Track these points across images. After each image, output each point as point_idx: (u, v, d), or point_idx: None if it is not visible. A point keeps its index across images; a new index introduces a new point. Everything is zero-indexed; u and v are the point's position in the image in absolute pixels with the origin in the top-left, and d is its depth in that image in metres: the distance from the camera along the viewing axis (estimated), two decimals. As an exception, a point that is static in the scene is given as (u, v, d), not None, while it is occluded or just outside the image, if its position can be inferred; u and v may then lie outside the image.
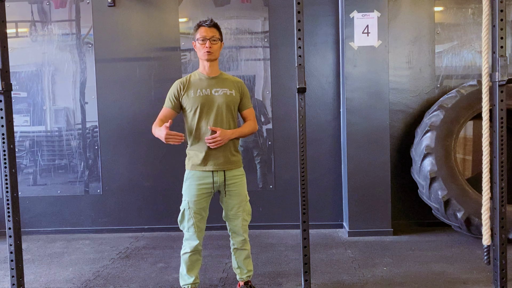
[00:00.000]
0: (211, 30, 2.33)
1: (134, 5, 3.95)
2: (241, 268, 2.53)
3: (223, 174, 2.37)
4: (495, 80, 2.30)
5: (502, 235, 2.33)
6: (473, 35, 3.87)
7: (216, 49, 2.36)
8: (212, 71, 2.41)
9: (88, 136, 4.04)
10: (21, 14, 4.00)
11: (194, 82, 2.39)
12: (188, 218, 2.37)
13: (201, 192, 2.37)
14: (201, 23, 2.34)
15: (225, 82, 2.42)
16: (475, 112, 3.43)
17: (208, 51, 2.32)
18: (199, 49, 2.35)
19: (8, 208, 2.35)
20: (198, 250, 2.42)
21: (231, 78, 2.48)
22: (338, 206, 3.98)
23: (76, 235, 4.01)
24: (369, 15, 3.62)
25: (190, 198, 2.36)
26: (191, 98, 2.36)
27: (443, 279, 2.73)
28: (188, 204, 2.36)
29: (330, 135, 3.96)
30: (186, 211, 2.38)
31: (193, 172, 2.38)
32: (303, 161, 2.37)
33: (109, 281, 2.86)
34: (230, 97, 2.39)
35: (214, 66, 2.41)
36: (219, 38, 2.37)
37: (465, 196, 3.31)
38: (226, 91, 2.39)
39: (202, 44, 2.32)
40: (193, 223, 2.37)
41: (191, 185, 2.37)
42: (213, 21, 2.36)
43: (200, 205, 2.37)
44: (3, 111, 2.31)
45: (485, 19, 2.30)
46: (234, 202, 2.42)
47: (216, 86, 2.38)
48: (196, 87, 2.37)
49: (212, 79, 2.40)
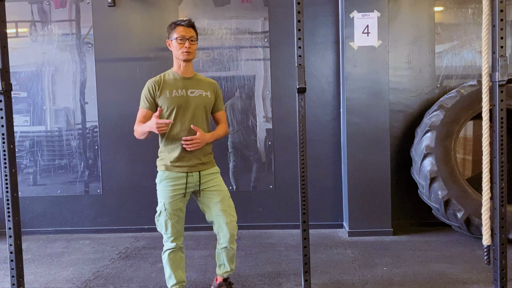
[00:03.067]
0: (190, 30, 2.31)
1: (134, 5, 3.95)
2: (224, 265, 2.50)
3: (198, 175, 2.36)
4: (495, 80, 2.30)
5: (502, 235, 2.33)
6: (473, 35, 3.87)
7: (194, 49, 2.34)
8: (187, 71, 2.39)
9: (88, 136, 4.04)
10: (21, 14, 4.00)
11: (169, 82, 2.35)
12: (165, 220, 2.34)
13: (176, 193, 2.33)
14: (179, 22, 2.31)
15: (200, 83, 2.41)
16: (475, 112, 3.43)
17: (187, 51, 2.29)
18: (176, 49, 2.31)
19: (8, 208, 2.35)
20: (178, 248, 2.39)
21: (206, 79, 2.46)
22: (338, 206, 3.98)
23: (76, 235, 4.01)
24: (369, 15, 3.62)
25: (165, 200, 2.33)
26: (167, 98, 2.32)
27: (443, 279, 2.73)
28: (164, 205, 2.33)
29: (330, 135, 3.96)
30: (162, 213, 2.35)
31: (167, 173, 2.35)
32: (303, 161, 2.37)
33: (109, 281, 2.87)
34: (206, 99, 2.38)
35: (190, 66, 2.39)
36: (196, 38, 2.35)
37: (465, 196, 3.31)
38: (201, 92, 2.37)
39: (181, 43, 2.29)
40: (171, 224, 2.33)
41: (166, 186, 2.34)
42: (192, 21, 2.34)
43: (176, 206, 2.34)
44: (3, 111, 2.31)
45: (485, 19, 2.30)
46: (216, 199, 2.38)
47: (192, 87, 2.37)
48: (172, 87, 2.34)
49: (188, 80, 2.38)
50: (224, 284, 2.55)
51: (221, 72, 3.96)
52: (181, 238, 2.41)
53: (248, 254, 3.33)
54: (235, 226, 2.42)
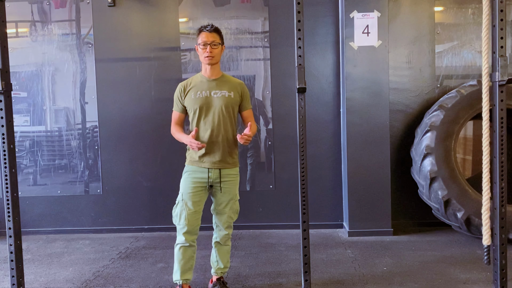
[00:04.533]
0: (212, 35, 2.41)
1: (134, 5, 3.95)
2: (218, 262, 2.61)
3: (219, 172, 2.45)
4: (495, 80, 2.30)
5: (502, 235, 2.33)
6: (473, 35, 3.87)
7: (217, 53, 2.44)
8: (213, 74, 2.49)
9: (88, 136, 4.04)
10: (21, 14, 4.00)
11: (196, 84, 2.48)
12: (180, 210, 2.44)
13: (196, 185, 2.44)
14: (202, 29, 2.43)
15: (225, 84, 2.49)
16: (475, 112, 3.43)
17: (208, 56, 2.40)
18: (201, 54, 2.45)
19: (8, 208, 2.35)
20: (190, 245, 2.45)
21: (232, 80, 2.54)
22: (338, 206, 3.98)
23: (76, 235, 4.01)
24: (369, 15, 3.62)
25: (184, 190, 2.45)
26: (192, 99, 2.45)
27: (443, 279, 2.73)
28: (182, 196, 2.45)
29: (330, 135, 3.96)
30: (179, 203, 2.46)
31: (190, 166, 2.48)
32: (303, 161, 2.37)
33: (109, 281, 2.86)
34: (229, 99, 2.45)
35: (216, 69, 2.49)
36: (219, 42, 2.44)
37: (465, 196, 3.31)
38: (225, 93, 2.45)
39: (203, 49, 2.41)
40: (185, 215, 2.42)
41: (188, 178, 2.46)
42: (214, 26, 2.44)
43: (194, 198, 2.43)
44: (3, 111, 2.31)
45: (485, 19, 2.30)
46: (223, 199, 2.50)
47: (216, 88, 2.46)
48: (197, 89, 2.46)
49: (213, 81, 2.48)
50: (218, 283, 2.59)
51: (221, 72, 3.95)
52: (194, 236, 2.48)
53: (248, 254, 3.33)
54: (231, 227, 2.59)
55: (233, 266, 3.06)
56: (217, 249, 2.60)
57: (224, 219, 2.53)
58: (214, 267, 2.63)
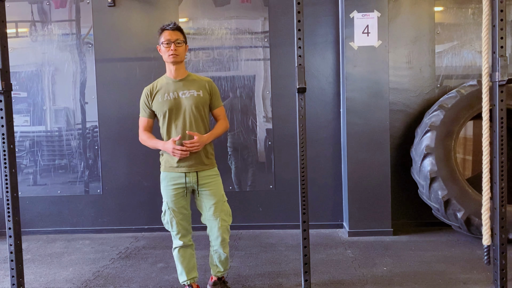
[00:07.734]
0: (175, 33, 2.35)
1: (134, 5, 3.95)
2: (217, 266, 2.56)
3: (196, 175, 2.39)
4: (495, 80, 2.30)
5: (502, 235, 2.33)
6: (473, 35, 3.87)
7: (181, 52, 2.37)
8: (179, 74, 2.42)
9: (88, 136, 4.04)
10: (21, 14, 4.00)
11: (162, 87, 2.41)
12: (170, 218, 2.43)
13: (177, 192, 2.41)
14: (165, 27, 2.37)
15: (193, 83, 2.43)
16: (475, 112, 3.43)
17: (173, 54, 2.33)
18: (164, 52, 2.37)
19: (8, 208, 2.35)
20: (187, 245, 2.47)
21: (199, 78, 2.48)
22: (338, 206, 3.98)
23: (76, 235, 4.01)
24: (369, 15, 3.62)
25: (168, 199, 2.42)
26: (159, 102, 2.38)
27: (443, 279, 2.73)
28: (167, 204, 2.43)
29: (330, 135, 3.96)
30: (166, 212, 2.44)
31: (166, 173, 2.44)
32: (303, 161, 2.37)
33: (109, 281, 2.86)
34: (198, 98, 2.39)
35: (181, 68, 2.42)
36: (183, 40, 2.39)
37: (465, 196, 3.31)
38: (193, 92, 2.39)
39: (167, 47, 2.34)
40: (175, 222, 2.43)
41: (167, 186, 2.42)
42: (176, 24, 2.38)
43: (179, 204, 2.42)
44: (3, 111, 2.31)
45: (485, 19, 2.30)
46: (210, 203, 2.42)
47: (183, 88, 2.40)
48: (164, 91, 2.40)
49: (179, 82, 2.42)
50: (219, 282, 2.59)
51: (221, 72, 3.96)
52: (188, 235, 2.49)
53: (248, 254, 3.33)
54: (227, 230, 2.47)
55: (233, 266, 3.06)
56: (214, 255, 2.52)
57: (217, 225, 2.41)
58: (214, 270, 2.59)
